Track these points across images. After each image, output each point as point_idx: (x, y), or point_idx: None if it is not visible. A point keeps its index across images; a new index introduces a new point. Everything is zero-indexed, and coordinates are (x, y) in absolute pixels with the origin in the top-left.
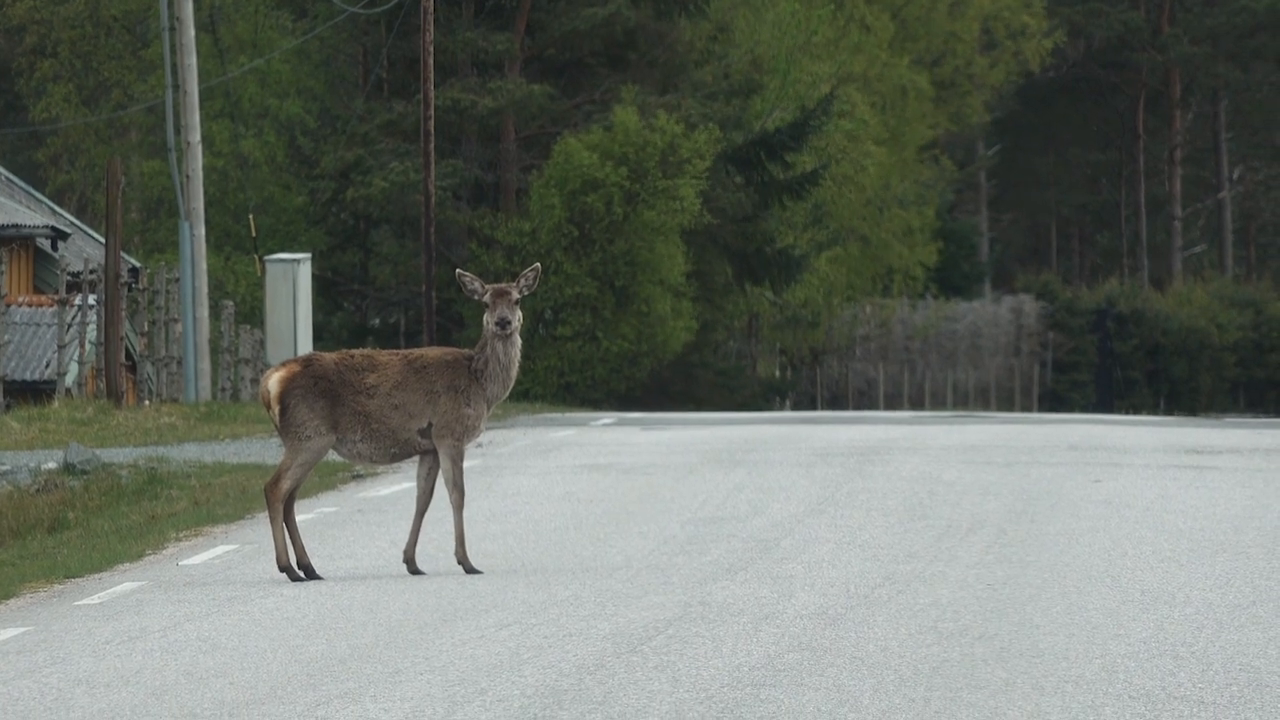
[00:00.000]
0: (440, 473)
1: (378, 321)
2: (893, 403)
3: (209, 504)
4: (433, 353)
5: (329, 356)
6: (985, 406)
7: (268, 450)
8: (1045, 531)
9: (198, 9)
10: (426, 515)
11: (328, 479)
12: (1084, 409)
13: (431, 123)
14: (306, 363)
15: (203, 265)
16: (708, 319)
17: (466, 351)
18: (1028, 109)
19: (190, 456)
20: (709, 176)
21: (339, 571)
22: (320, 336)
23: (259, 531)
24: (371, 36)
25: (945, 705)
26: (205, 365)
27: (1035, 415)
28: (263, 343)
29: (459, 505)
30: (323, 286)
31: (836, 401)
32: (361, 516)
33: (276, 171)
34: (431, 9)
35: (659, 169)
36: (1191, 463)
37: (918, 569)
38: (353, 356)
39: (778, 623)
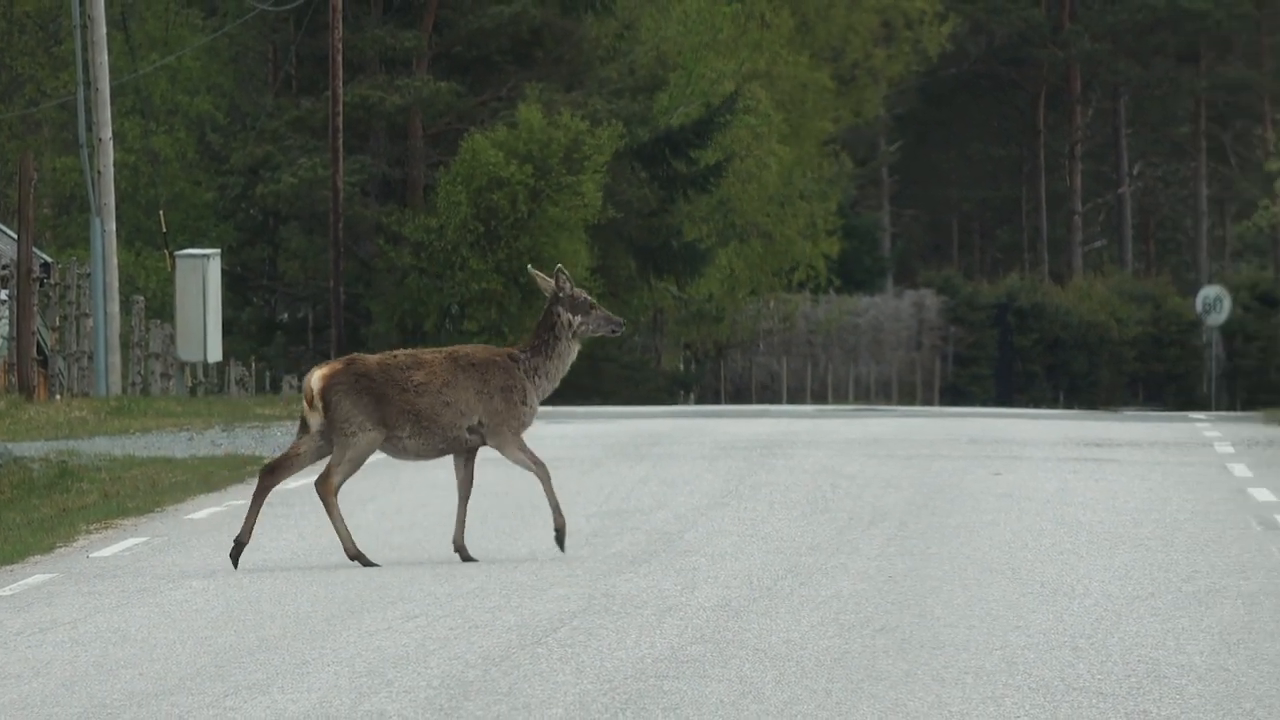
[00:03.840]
0: (514, 465)
1: (286, 316)
2: (795, 396)
3: (119, 497)
4: (478, 352)
5: (371, 357)
6: (887, 400)
7: (177, 444)
8: (946, 524)
9: (109, 6)
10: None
11: (237, 471)
12: (984, 403)
13: (340, 119)
14: (349, 361)
15: (114, 260)
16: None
17: (509, 350)
18: (929, 105)
19: (101, 450)
20: (610, 171)
21: (247, 564)
22: (230, 331)
23: (168, 524)
24: (281, 34)
25: (847, 696)
26: (116, 360)
27: (936, 409)
28: (173, 337)
29: (546, 477)
30: (232, 282)
31: (740, 395)
32: (270, 509)
33: (187, 167)
34: (340, 7)
35: (563, 166)
36: (1091, 456)
37: (820, 561)
38: (395, 356)
39: (681, 615)
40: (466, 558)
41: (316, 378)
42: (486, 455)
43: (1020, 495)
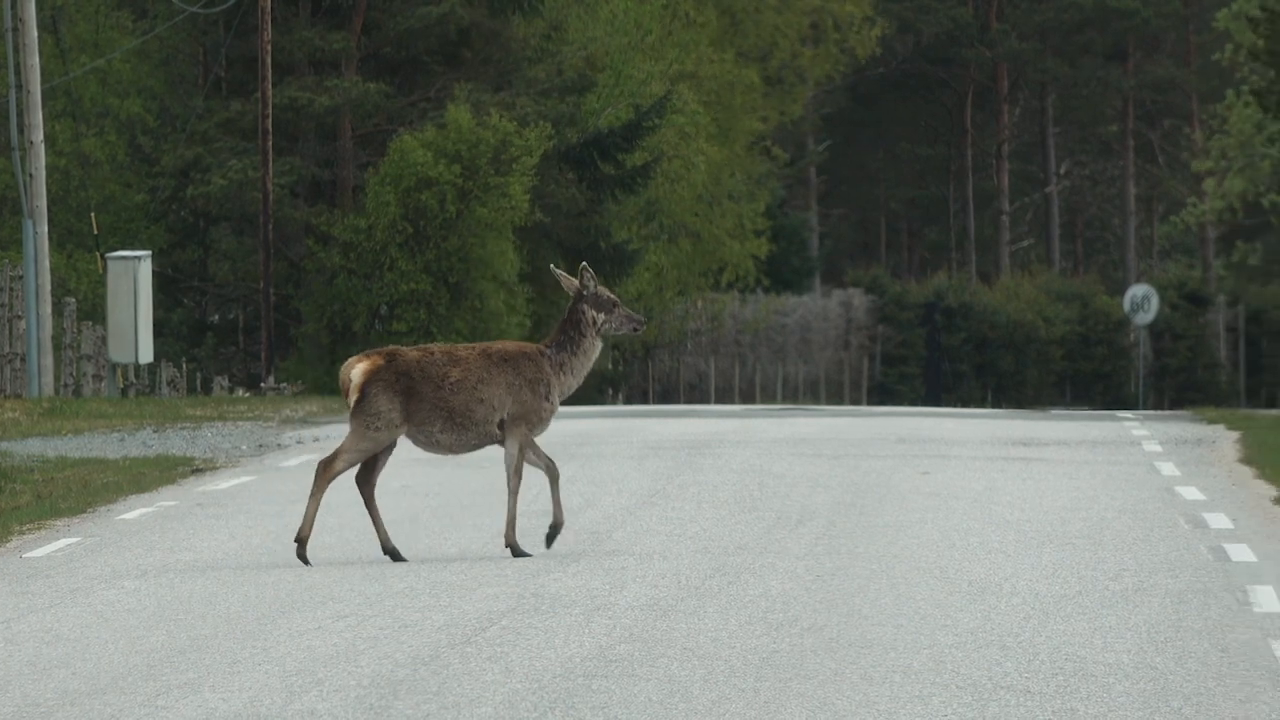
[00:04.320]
0: (504, 456)
1: (217, 318)
2: (723, 396)
3: (52, 498)
4: (510, 346)
5: (410, 352)
6: (815, 400)
7: (109, 445)
8: (874, 523)
9: (40, 9)
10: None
11: (168, 473)
12: (913, 402)
13: (269, 121)
14: (390, 356)
15: (45, 263)
16: (542, 314)
17: (537, 346)
18: (857, 105)
19: (33, 451)
20: (539, 173)
21: (179, 564)
22: (161, 332)
23: (101, 525)
24: (210, 36)
25: (775, 695)
26: (48, 361)
27: (864, 408)
28: (105, 339)
29: (516, 490)
30: (163, 283)
31: (668, 395)
32: (201, 510)
33: (117, 170)
34: (269, 9)
35: (491, 166)
36: (1019, 455)
37: (748, 560)
38: (432, 352)
39: (610, 614)
40: (552, 535)
41: (358, 371)
42: (414, 456)
43: (948, 494)
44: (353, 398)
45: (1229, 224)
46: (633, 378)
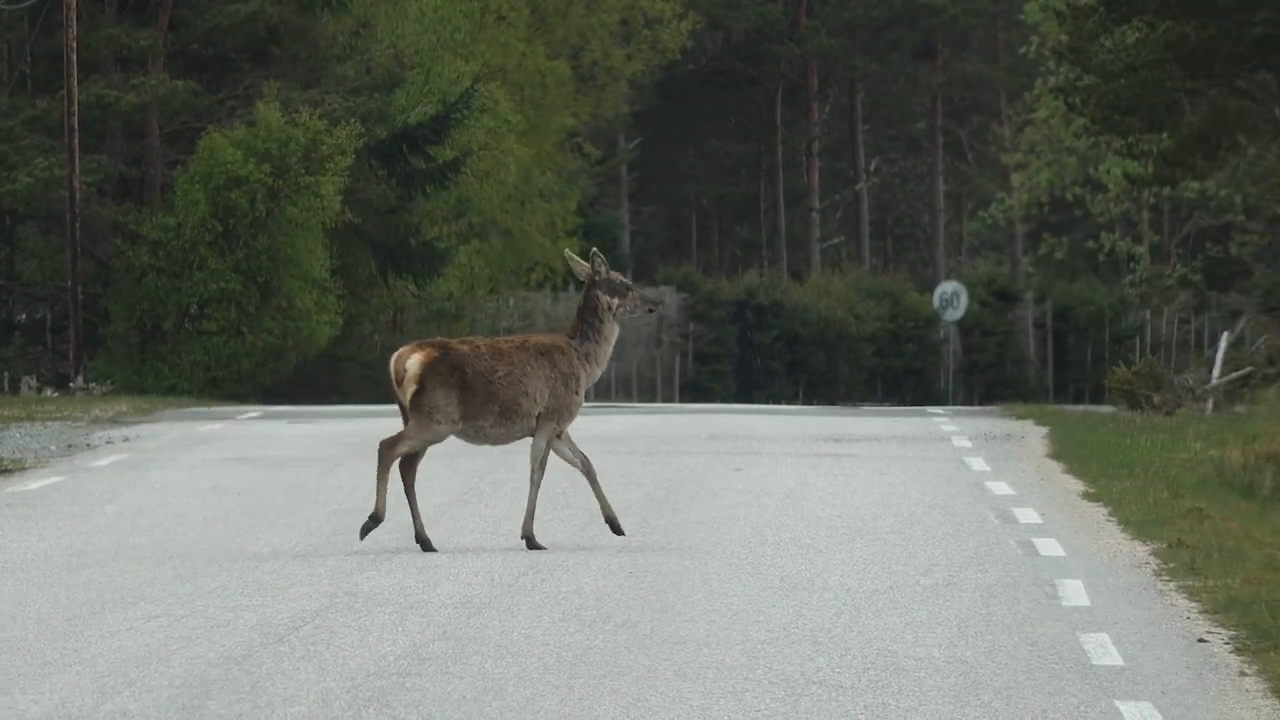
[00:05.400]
0: (530, 448)
1: (24, 317)
2: None
3: None
4: (545, 340)
5: (460, 346)
6: (627, 397)
7: None
8: (687, 519)
9: None
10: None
11: None
12: (724, 399)
13: (75, 119)
14: (443, 349)
15: None
16: (352, 313)
17: (563, 338)
18: (667, 102)
19: None
20: (350, 173)
21: None
22: None
23: None
24: (14, 32)
25: (589, 692)
26: None
27: (677, 405)
28: None
29: (538, 483)
30: None
31: None
32: (10, 511)
33: None
34: (74, 5)
35: (301, 165)
36: (830, 451)
37: (560, 558)
38: (478, 346)
39: (423, 612)
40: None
41: (414, 362)
42: (225, 456)
43: (760, 490)
44: (409, 389)
45: (1036, 219)
46: None
